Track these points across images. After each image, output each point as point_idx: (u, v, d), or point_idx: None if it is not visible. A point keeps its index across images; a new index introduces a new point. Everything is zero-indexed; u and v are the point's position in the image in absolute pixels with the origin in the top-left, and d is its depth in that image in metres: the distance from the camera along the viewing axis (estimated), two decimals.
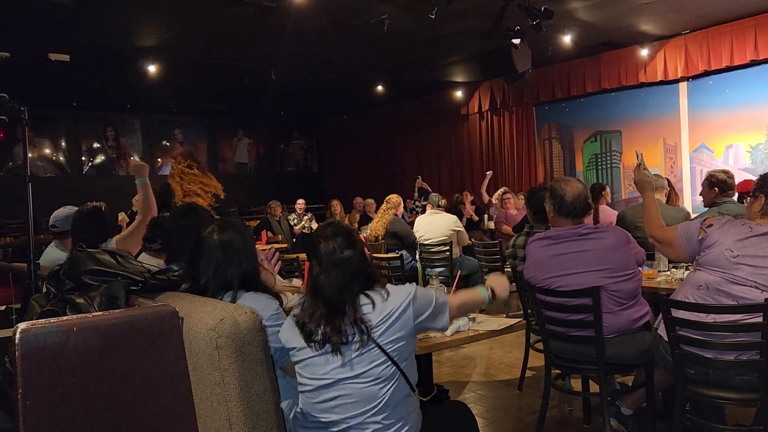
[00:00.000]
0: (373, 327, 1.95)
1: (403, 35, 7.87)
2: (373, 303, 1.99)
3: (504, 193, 8.22)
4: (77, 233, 3.62)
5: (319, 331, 1.97)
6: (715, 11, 7.72)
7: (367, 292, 2.01)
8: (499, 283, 2.46)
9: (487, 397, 4.13)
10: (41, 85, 10.13)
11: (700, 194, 4.53)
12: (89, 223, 3.61)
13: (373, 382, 1.96)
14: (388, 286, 2.07)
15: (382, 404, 1.97)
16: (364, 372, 1.96)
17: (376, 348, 1.95)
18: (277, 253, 2.79)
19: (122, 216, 7.08)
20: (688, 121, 9.01)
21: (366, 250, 2.18)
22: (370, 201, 9.56)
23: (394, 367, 1.97)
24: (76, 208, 4.00)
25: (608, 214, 5.90)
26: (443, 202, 7.03)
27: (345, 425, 1.99)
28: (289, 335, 2.05)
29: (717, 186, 4.28)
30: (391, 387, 1.97)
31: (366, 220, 8.78)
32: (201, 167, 9.88)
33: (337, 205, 9.24)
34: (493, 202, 9.08)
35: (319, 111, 14.95)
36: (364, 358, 1.96)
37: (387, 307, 1.98)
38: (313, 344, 1.98)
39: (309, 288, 2.07)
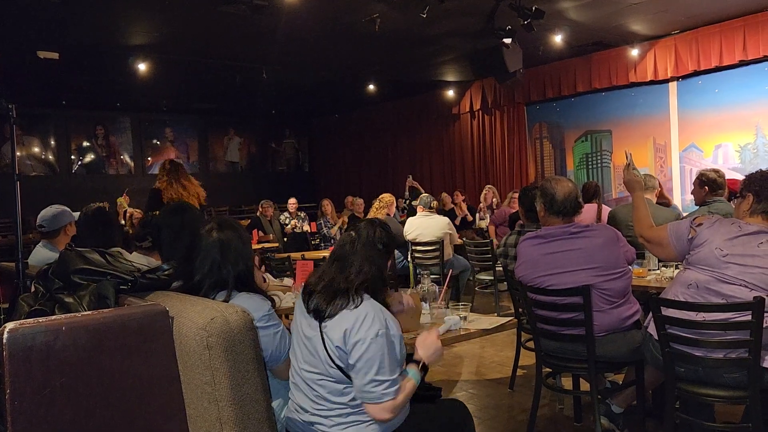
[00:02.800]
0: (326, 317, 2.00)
1: (395, 34, 7.86)
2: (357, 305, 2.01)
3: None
4: (81, 235, 3.60)
5: (314, 299, 2.04)
6: (705, 12, 7.77)
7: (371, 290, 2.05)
8: (425, 351, 2.14)
9: (479, 395, 4.14)
10: (30, 83, 10.04)
11: (692, 193, 4.56)
12: (92, 225, 3.59)
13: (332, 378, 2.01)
14: (372, 304, 2.02)
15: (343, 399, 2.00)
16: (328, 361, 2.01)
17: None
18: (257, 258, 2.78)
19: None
20: (677, 121, 9.07)
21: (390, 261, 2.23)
22: (359, 201, 9.55)
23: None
24: (64, 207, 3.97)
25: (603, 213, 5.94)
26: (435, 203, 7.02)
27: (315, 414, 2.03)
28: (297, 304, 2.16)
29: (707, 185, 4.30)
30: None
31: (354, 220, 8.77)
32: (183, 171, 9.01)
33: (327, 205, 9.23)
34: (485, 203, 9.09)
35: (310, 110, 14.92)
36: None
37: (354, 317, 1.98)
38: (308, 308, 2.06)
39: (332, 255, 2.14)
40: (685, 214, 4.84)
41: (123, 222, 6.37)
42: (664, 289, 2.89)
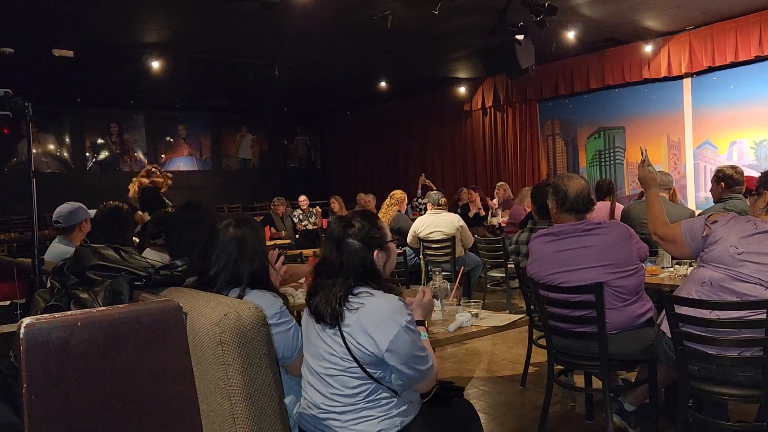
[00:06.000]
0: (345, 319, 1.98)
1: (407, 31, 7.85)
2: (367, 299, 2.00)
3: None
4: (96, 232, 3.63)
5: (319, 309, 2.02)
6: (720, 7, 7.69)
7: (371, 286, 2.03)
8: (423, 311, 2.26)
9: (490, 392, 4.14)
10: (45, 81, 10.14)
11: (710, 191, 4.52)
12: (107, 223, 3.62)
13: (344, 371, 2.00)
14: (384, 297, 2.01)
15: (351, 397, 2.00)
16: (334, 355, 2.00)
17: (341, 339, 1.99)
18: (282, 257, 2.79)
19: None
20: (691, 118, 8.98)
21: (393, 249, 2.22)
22: (368, 197, 9.55)
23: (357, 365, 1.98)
24: (80, 204, 4.01)
25: (617, 210, 5.90)
26: (443, 200, 7.00)
27: (326, 412, 2.03)
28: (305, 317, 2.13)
29: (723, 181, 4.25)
30: (361, 382, 1.99)
31: None
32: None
33: (335, 202, 9.23)
34: (493, 201, 9.06)
35: (322, 107, 14.95)
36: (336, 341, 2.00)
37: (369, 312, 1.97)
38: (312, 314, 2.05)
39: (322, 264, 2.10)
40: (698, 212, 4.79)
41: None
42: (677, 287, 2.88)
